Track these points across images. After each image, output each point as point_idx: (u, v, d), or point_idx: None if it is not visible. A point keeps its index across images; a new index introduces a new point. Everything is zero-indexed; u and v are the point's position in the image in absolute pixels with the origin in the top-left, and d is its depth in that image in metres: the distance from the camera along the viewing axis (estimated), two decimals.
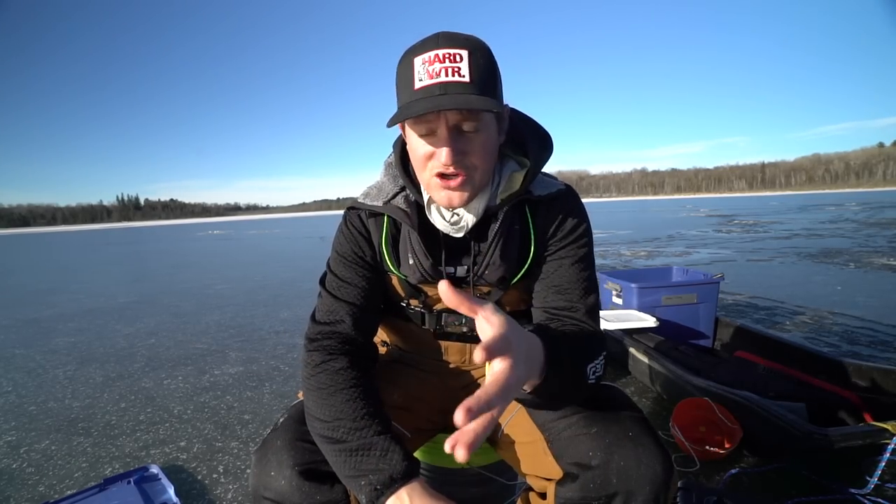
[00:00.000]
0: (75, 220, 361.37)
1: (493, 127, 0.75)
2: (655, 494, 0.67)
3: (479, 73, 0.68)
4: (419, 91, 0.69)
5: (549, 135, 0.87)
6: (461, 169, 0.73)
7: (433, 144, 0.72)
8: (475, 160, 0.73)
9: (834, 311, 3.60)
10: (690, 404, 1.76)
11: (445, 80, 0.67)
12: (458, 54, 0.68)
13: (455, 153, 0.71)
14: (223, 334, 3.86)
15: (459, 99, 0.67)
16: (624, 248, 8.80)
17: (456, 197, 0.75)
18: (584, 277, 0.82)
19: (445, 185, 0.74)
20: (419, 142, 0.73)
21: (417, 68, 0.69)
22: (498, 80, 0.73)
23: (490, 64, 0.71)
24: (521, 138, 0.84)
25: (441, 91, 0.67)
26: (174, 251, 15.15)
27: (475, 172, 0.75)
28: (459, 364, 0.97)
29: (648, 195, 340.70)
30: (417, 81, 0.69)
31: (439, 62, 0.68)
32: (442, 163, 0.72)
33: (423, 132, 0.72)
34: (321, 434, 0.72)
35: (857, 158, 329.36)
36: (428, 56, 0.68)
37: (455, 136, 0.71)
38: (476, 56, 0.69)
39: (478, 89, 0.68)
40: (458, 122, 0.70)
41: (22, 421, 2.34)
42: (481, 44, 0.71)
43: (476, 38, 0.71)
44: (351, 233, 0.88)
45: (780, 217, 17.28)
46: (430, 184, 0.77)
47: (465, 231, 0.82)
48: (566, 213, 0.84)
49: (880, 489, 1.41)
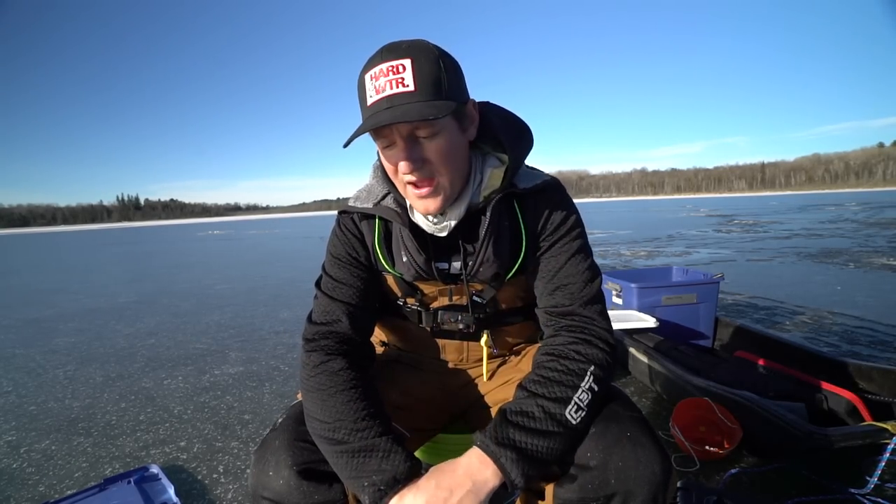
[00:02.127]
0: (75, 220, 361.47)
1: (452, 128, 0.74)
2: (654, 495, 0.66)
3: (423, 80, 0.69)
4: (370, 108, 0.71)
5: (526, 126, 0.87)
6: (425, 176, 0.74)
7: (395, 156, 0.74)
8: (437, 166, 0.74)
9: (834, 311, 3.60)
10: (690, 404, 1.76)
11: (390, 93, 0.69)
12: (401, 65, 0.68)
13: (413, 162, 0.72)
14: (223, 334, 3.86)
15: (398, 111, 0.67)
16: (624, 248, 8.80)
17: (431, 203, 0.77)
18: (583, 269, 0.82)
19: (417, 193, 0.76)
20: (384, 156, 0.76)
21: (367, 85, 0.71)
22: (449, 81, 0.71)
23: (436, 68, 0.70)
24: (497, 133, 0.83)
25: (388, 104, 0.69)
26: (174, 251, 15.15)
27: (441, 178, 0.75)
28: (457, 362, 0.97)
29: (648, 195, 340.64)
30: (369, 98, 0.71)
31: (383, 76, 0.69)
32: (404, 173, 0.73)
33: (384, 145, 0.74)
34: (322, 435, 0.72)
35: (857, 158, 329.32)
36: (374, 71, 0.70)
37: (411, 146, 0.72)
38: (420, 63, 0.69)
39: (424, 96, 0.69)
40: (411, 131, 0.71)
41: (22, 421, 2.34)
42: (426, 48, 0.70)
43: (421, 42, 0.71)
44: (345, 235, 0.89)
45: (780, 217, 17.28)
46: (406, 192, 0.78)
47: (448, 230, 0.82)
48: (554, 207, 0.84)
49: (880, 489, 1.41)
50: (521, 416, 0.70)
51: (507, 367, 0.98)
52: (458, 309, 0.91)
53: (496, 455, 0.66)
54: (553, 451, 0.68)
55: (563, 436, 0.69)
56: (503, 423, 0.69)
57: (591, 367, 0.74)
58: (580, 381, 0.72)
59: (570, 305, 0.80)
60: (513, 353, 0.99)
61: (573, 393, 0.71)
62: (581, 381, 0.72)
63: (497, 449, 0.66)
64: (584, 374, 0.73)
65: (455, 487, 0.64)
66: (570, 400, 0.70)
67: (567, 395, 0.71)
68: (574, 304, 0.80)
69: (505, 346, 0.97)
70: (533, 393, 0.72)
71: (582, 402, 0.71)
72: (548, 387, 0.72)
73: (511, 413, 0.71)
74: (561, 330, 0.80)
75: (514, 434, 0.67)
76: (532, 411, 0.70)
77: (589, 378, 0.73)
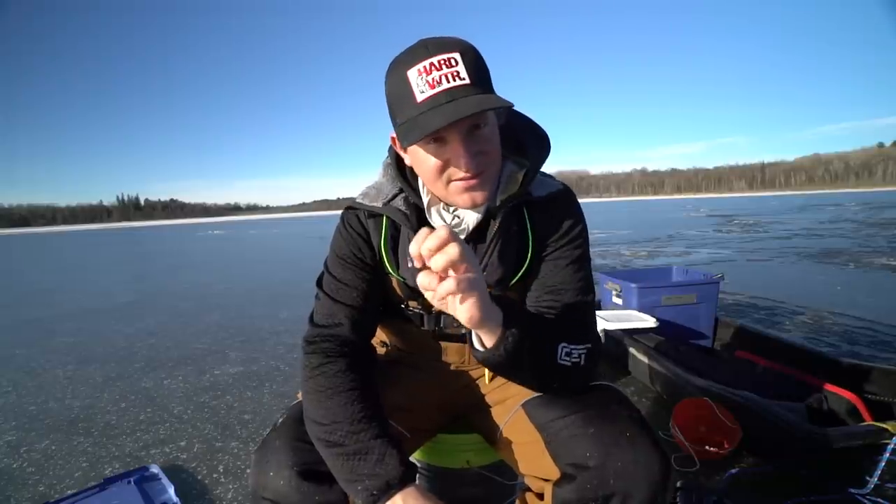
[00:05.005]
0: (75, 220, 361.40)
1: (495, 121, 0.76)
2: (653, 495, 0.66)
3: (476, 72, 0.68)
4: (424, 103, 0.67)
5: (546, 134, 0.87)
6: (480, 169, 0.73)
7: (444, 153, 0.71)
8: (490, 154, 0.74)
9: (834, 311, 3.60)
10: (690, 404, 1.76)
11: (448, 87, 0.67)
12: (453, 58, 0.67)
13: (472, 155, 0.71)
14: (223, 334, 3.86)
15: (473, 101, 0.66)
16: (624, 248, 8.79)
17: (479, 195, 0.75)
18: (579, 278, 0.81)
19: (467, 185, 0.73)
20: (426, 155, 0.72)
21: (414, 80, 0.68)
22: (490, 75, 0.73)
23: (482, 61, 0.71)
24: (518, 138, 0.84)
25: (448, 98, 0.66)
26: (174, 251, 15.15)
27: (492, 166, 0.75)
28: (459, 365, 0.97)
29: (648, 195, 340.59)
30: (419, 94, 0.68)
31: (436, 70, 0.67)
32: (461, 169, 0.71)
33: (431, 142, 0.71)
34: (319, 437, 0.72)
35: (857, 158, 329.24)
36: (423, 66, 0.67)
37: (468, 141, 0.71)
38: (469, 56, 0.68)
39: (480, 87, 0.68)
40: (470, 124, 0.70)
41: (22, 421, 2.34)
42: (468, 44, 0.71)
43: (461, 39, 0.71)
44: (349, 234, 0.87)
45: (780, 217, 17.28)
46: (448, 191, 0.75)
47: (465, 233, 0.81)
48: (563, 215, 0.84)
49: (880, 489, 1.41)
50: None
51: None
52: None
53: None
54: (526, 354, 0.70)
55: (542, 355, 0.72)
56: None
57: (588, 343, 0.76)
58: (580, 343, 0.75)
59: (561, 310, 0.80)
60: None
61: (570, 340, 0.74)
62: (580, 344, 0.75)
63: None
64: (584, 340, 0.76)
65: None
66: (565, 341, 0.73)
67: (560, 335, 0.74)
68: (565, 310, 0.80)
69: None
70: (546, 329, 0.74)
71: (574, 355, 0.73)
72: (538, 316, 0.77)
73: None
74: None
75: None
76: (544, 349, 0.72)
77: (585, 348, 0.75)
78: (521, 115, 0.88)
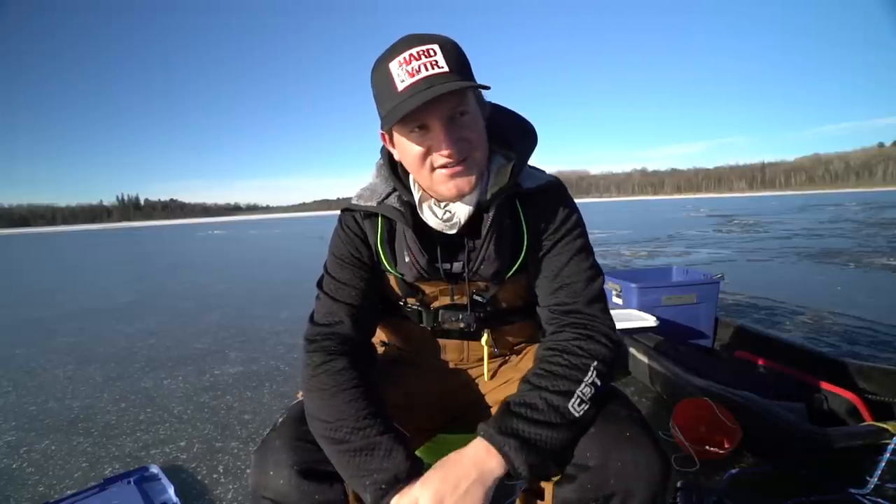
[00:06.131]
0: (75, 220, 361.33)
1: (478, 110, 0.77)
2: (653, 495, 0.67)
3: (454, 62, 0.71)
4: (405, 91, 0.70)
5: (531, 126, 0.88)
6: (463, 155, 0.75)
7: (426, 140, 0.74)
8: (473, 140, 0.76)
9: (834, 311, 3.60)
10: (690, 404, 1.76)
11: (427, 75, 0.69)
12: (431, 49, 0.70)
13: (454, 141, 0.73)
14: (223, 334, 3.86)
15: (448, 85, 0.68)
16: (624, 248, 8.79)
17: (464, 182, 0.77)
18: (585, 268, 0.83)
19: (451, 172, 0.75)
20: (410, 144, 0.75)
21: (396, 72, 0.71)
22: (470, 67, 0.75)
23: (461, 53, 0.74)
24: (505, 133, 0.85)
25: (427, 85, 0.69)
26: (174, 251, 15.15)
27: (475, 152, 0.77)
28: (458, 362, 0.97)
29: (648, 195, 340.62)
30: (400, 83, 0.70)
31: (416, 60, 0.70)
32: (443, 155, 0.73)
33: (414, 129, 0.73)
34: (324, 435, 0.72)
35: (857, 158, 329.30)
36: (403, 57, 0.70)
37: (450, 127, 0.73)
38: (447, 47, 0.72)
39: (459, 76, 0.71)
40: (451, 109, 0.72)
41: (22, 421, 2.34)
42: (448, 38, 0.74)
43: (442, 35, 0.74)
44: (347, 234, 0.88)
45: (780, 217, 17.29)
46: (433, 180, 0.77)
47: (457, 227, 0.82)
48: (556, 206, 0.85)
49: (880, 489, 1.41)
50: (525, 408, 0.70)
51: (508, 366, 0.98)
52: (459, 308, 0.91)
53: (500, 444, 0.66)
54: (556, 442, 0.68)
55: (565, 427, 0.69)
56: (507, 414, 0.70)
57: (594, 363, 0.74)
58: (583, 375, 0.72)
59: (574, 303, 0.81)
60: (513, 353, 1.00)
61: (576, 387, 0.71)
62: (584, 376, 0.72)
63: (501, 438, 0.67)
64: (588, 369, 0.73)
65: (461, 478, 0.65)
66: (573, 393, 0.71)
67: (570, 388, 0.71)
68: (577, 303, 0.81)
69: (505, 345, 0.97)
70: (536, 386, 0.73)
71: (585, 396, 0.71)
72: (551, 380, 0.73)
73: (514, 405, 0.71)
74: (564, 327, 0.80)
75: (517, 424, 0.68)
76: (535, 403, 0.70)
77: (592, 373, 0.73)
78: (508, 111, 0.89)
